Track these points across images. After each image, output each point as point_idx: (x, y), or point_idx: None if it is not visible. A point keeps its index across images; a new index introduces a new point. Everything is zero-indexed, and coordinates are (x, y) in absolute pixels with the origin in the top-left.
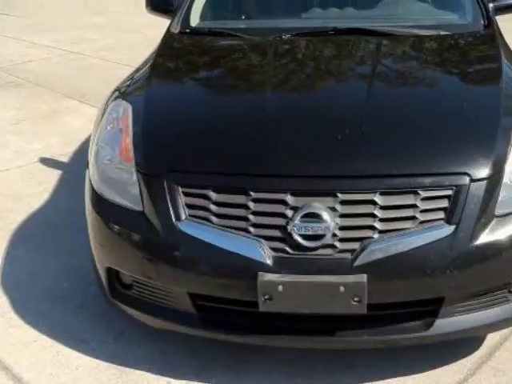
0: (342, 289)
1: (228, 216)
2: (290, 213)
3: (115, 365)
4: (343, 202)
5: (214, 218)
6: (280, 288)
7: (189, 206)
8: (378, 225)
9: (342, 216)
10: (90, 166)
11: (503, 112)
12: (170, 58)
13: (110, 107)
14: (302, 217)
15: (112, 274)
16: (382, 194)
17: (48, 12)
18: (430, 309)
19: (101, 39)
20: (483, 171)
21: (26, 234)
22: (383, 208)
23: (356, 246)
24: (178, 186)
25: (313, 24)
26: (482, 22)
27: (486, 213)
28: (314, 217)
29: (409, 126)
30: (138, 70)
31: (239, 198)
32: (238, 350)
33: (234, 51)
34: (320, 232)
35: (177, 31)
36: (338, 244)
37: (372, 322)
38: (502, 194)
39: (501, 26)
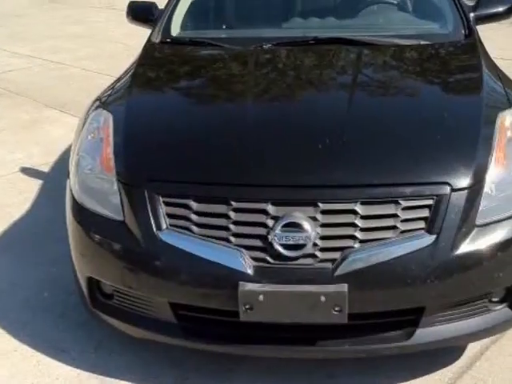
0: (322, 298)
1: (209, 226)
2: (270, 222)
3: (96, 374)
4: (324, 212)
5: (194, 228)
6: (261, 298)
7: (169, 216)
8: (358, 234)
9: (323, 226)
10: (71, 175)
11: (484, 121)
12: (150, 67)
13: (90, 117)
14: (283, 226)
15: (93, 283)
16: (362, 203)
17: (28, 21)
18: (410, 318)
19: (81, 49)
20: (464, 181)
21: (7, 244)
22: (364, 218)
23: (337, 255)
24: (159, 195)
25: (294, 34)
26: (463, 31)
27: (466, 222)
28: (295, 226)
29: (390, 136)
30: (118, 79)
31: (220, 208)
32: (220, 359)
33: (214, 61)
34: (301, 242)
35: (158, 41)
36: (318, 254)
37: (353, 331)
38: (483, 204)
39: (481, 35)
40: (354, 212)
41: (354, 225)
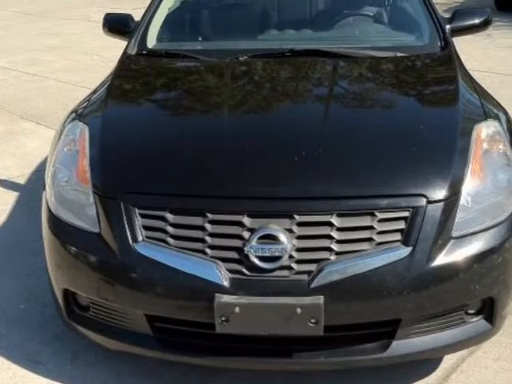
0: (298, 310)
1: (185, 238)
2: (246, 234)
3: None
4: (300, 224)
5: (170, 240)
6: (237, 310)
7: (145, 228)
8: (334, 246)
9: (299, 238)
10: (47, 187)
11: (460, 134)
12: (126, 79)
13: (66, 129)
14: (259, 238)
15: (69, 295)
16: (338, 215)
17: (5, 34)
18: (386, 330)
19: (57, 61)
20: (440, 193)
21: None
22: (340, 230)
23: (313, 267)
24: (135, 207)
25: (270, 45)
26: (439, 43)
27: (442, 234)
28: (271, 238)
29: (366, 148)
30: (94, 91)
31: (196, 220)
32: (197, 370)
33: (190, 73)
34: (277, 254)
35: (134, 53)
36: (294, 266)
37: (329, 343)
38: (459, 216)
39: (457, 48)
40: (330, 224)
41: (329, 237)
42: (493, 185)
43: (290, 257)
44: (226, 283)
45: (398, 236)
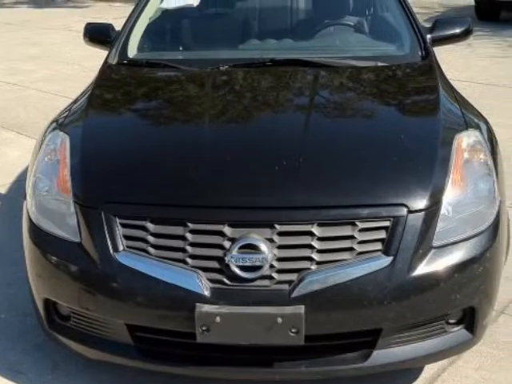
0: (279, 320)
1: (166, 247)
2: (227, 244)
3: None
4: (281, 234)
5: (151, 249)
6: (218, 319)
7: (126, 237)
8: (315, 256)
9: (280, 247)
10: (28, 197)
11: (441, 143)
12: (107, 89)
13: (47, 138)
14: (240, 248)
15: (49, 305)
16: (319, 225)
17: None
18: (367, 340)
19: (38, 70)
20: (421, 202)
21: None
22: (321, 239)
23: (294, 277)
24: (116, 217)
25: (251, 55)
26: (420, 53)
27: (423, 244)
28: (252, 248)
29: (347, 157)
30: (75, 101)
31: (177, 229)
32: (178, 380)
33: (171, 82)
34: (257, 263)
35: (114, 62)
36: (275, 275)
37: (310, 352)
38: (440, 225)
39: (438, 57)
40: (311, 234)
41: (310, 246)
42: (474, 194)
43: (271, 266)
44: (206, 293)
45: (378, 246)
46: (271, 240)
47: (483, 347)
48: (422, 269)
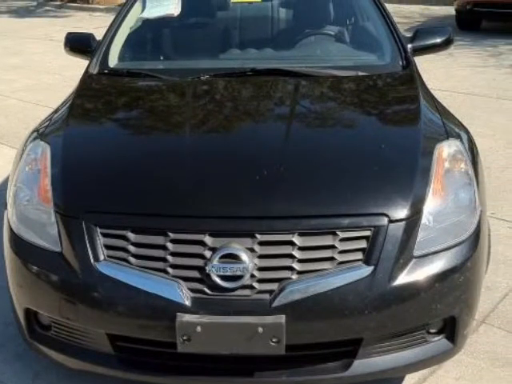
0: (260, 330)
1: (146, 257)
2: (208, 254)
3: None
4: (262, 243)
5: (132, 259)
6: (198, 329)
7: (107, 247)
8: (296, 266)
9: (261, 257)
10: (9, 206)
11: (422, 153)
12: (88, 98)
13: (28, 148)
14: (221, 258)
15: (30, 314)
16: (300, 234)
17: None
18: (348, 350)
19: (19, 80)
20: (402, 212)
21: None
22: (301, 249)
23: (274, 286)
24: (96, 226)
25: (231, 65)
26: (401, 62)
27: (404, 254)
28: (233, 258)
29: (327, 167)
30: (56, 110)
31: (157, 239)
32: None
33: (152, 92)
34: (238, 273)
35: (95, 72)
36: (256, 285)
37: (291, 362)
38: (421, 235)
39: (419, 67)
40: (292, 243)
41: (291, 256)
42: (454, 204)
43: (252, 276)
44: (187, 302)
45: (359, 255)
46: (252, 249)
47: (464, 357)
48: (403, 278)
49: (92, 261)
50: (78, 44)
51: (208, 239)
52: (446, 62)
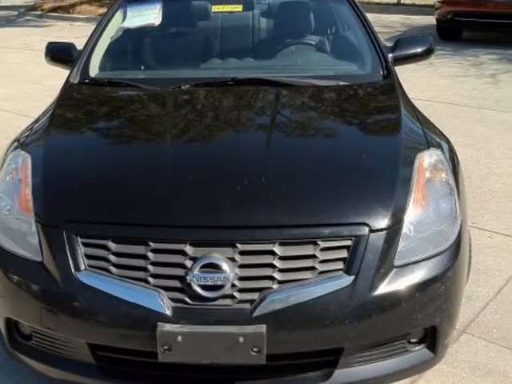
0: (241, 339)
1: (127, 266)
2: (189, 263)
3: None
4: (242, 253)
5: (113, 269)
6: (179, 338)
7: (88, 257)
8: (277, 275)
9: (242, 266)
10: None
11: (403, 162)
12: (69, 108)
13: (9, 158)
14: (202, 267)
15: (11, 324)
16: (281, 244)
17: None
18: (329, 359)
19: None
20: (382, 222)
21: None
22: (282, 258)
23: (255, 296)
24: (77, 236)
25: (212, 74)
26: (382, 72)
27: (385, 263)
28: (214, 267)
29: (308, 177)
30: (37, 120)
31: (138, 249)
32: None
33: (133, 102)
34: (219, 282)
35: (76, 81)
36: (237, 294)
37: (271, 372)
38: (402, 245)
39: (399, 76)
40: (273, 253)
41: (272, 266)
42: (435, 213)
43: (233, 286)
44: (168, 312)
45: (340, 265)
46: (233, 259)
47: (445, 366)
48: (384, 288)
49: (73, 270)
50: (59, 53)
51: (189, 249)
52: (426, 72)
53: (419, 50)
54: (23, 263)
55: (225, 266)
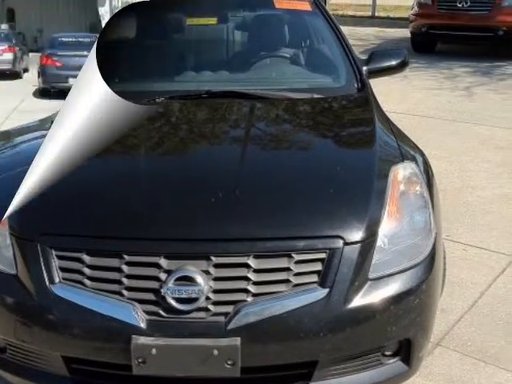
0: (215, 352)
1: (102, 279)
2: (163, 276)
3: None
4: (217, 266)
5: (87, 282)
6: (154, 351)
7: (62, 270)
8: (251, 288)
9: (216, 279)
10: None
11: (377, 175)
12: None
13: None
14: (176, 280)
15: None
16: (255, 257)
17: None
18: (303, 372)
19: None
20: (357, 234)
21: None
22: (257, 271)
23: (230, 309)
24: (52, 249)
25: (187, 87)
26: (356, 85)
27: (359, 276)
28: (188, 280)
29: (283, 189)
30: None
31: (113, 262)
32: None
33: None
34: (194, 295)
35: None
36: (211, 307)
37: None
38: (376, 257)
39: (374, 89)
40: (247, 265)
41: (246, 278)
42: (410, 226)
43: (207, 298)
44: (142, 325)
45: (314, 278)
46: (207, 272)
47: (419, 379)
48: (358, 301)
49: (47, 283)
50: None
51: (163, 261)
52: (401, 85)
53: (394, 62)
54: None
55: (199, 278)
